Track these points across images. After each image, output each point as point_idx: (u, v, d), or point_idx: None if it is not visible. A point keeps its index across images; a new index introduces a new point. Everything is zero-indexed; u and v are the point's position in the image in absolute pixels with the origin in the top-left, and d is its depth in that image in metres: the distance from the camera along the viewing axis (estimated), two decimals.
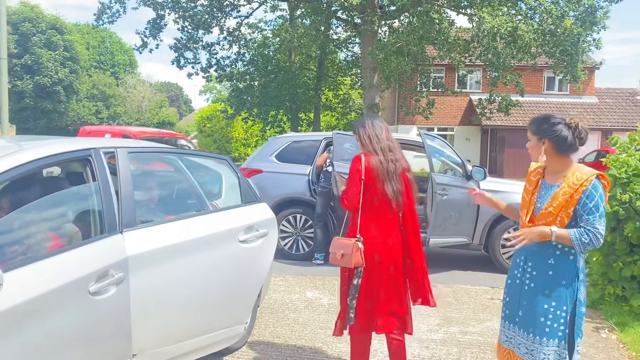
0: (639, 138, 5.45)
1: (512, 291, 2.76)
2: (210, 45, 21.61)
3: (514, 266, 2.78)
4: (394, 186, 3.25)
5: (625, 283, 4.94)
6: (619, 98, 27.22)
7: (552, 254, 2.63)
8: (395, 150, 3.34)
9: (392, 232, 3.30)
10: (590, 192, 2.54)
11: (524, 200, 2.75)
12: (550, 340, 2.59)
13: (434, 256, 7.54)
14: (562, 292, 2.59)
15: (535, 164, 2.83)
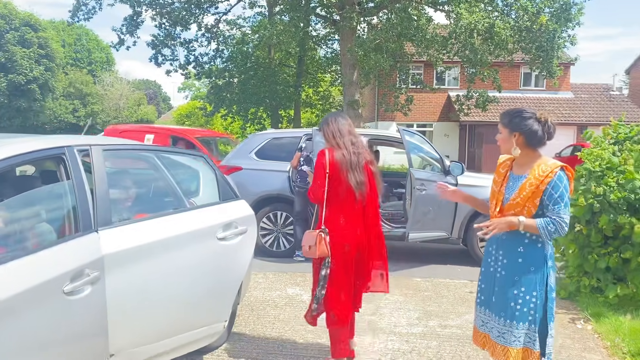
0: (613, 132, 5.55)
1: (486, 278, 2.91)
2: (189, 42, 21.41)
3: (487, 255, 2.92)
4: (357, 177, 3.41)
5: (600, 275, 5.04)
6: (593, 93, 27.68)
7: (521, 242, 2.75)
8: (357, 144, 3.51)
9: (359, 222, 3.49)
10: (555, 183, 2.66)
11: (493, 192, 2.87)
12: (520, 324, 2.72)
13: (413, 251, 7.60)
14: (531, 279, 2.72)
15: (504, 156, 2.93)
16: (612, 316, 4.62)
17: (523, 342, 2.73)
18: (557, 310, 4.94)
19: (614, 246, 4.93)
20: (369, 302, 5.05)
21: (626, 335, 4.19)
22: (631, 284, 4.89)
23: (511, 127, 2.75)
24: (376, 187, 3.60)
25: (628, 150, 5.02)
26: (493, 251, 2.86)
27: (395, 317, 4.70)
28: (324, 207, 3.45)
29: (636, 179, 4.64)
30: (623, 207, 4.79)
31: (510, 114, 2.79)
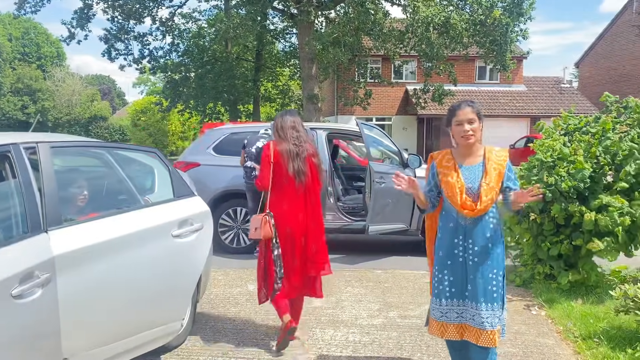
0: (563, 123, 5.73)
1: (455, 269, 2.94)
2: (143, 35, 20.92)
3: (452, 246, 2.94)
4: (297, 167, 3.79)
5: (553, 262, 5.20)
6: (545, 86, 28.54)
7: (487, 227, 2.90)
8: (300, 138, 3.89)
9: (301, 208, 3.84)
10: (509, 166, 2.95)
11: (450, 184, 2.90)
12: (498, 304, 2.89)
13: (373, 243, 7.67)
14: (499, 259, 2.91)
15: (438, 152, 3.11)
16: (564, 302, 4.78)
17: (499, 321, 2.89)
18: (513, 297, 5.11)
19: (566, 234, 5.09)
20: (330, 296, 5.07)
21: (577, 320, 4.34)
22: (582, 269, 5.07)
23: (480, 118, 2.92)
24: (317, 178, 3.95)
25: (577, 141, 5.18)
26: (460, 241, 2.91)
27: (356, 310, 4.73)
28: (269, 194, 3.83)
29: (585, 168, 4.80)
30: (573, 196, 4.96)
31: (478, 107, 2.94)
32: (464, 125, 2.87)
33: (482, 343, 2.85)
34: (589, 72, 32.32)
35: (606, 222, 4.60)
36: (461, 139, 2.90)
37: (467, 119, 2.87)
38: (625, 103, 5.22)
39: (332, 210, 6.97)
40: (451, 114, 2.95)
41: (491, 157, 2.91)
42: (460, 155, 2.97)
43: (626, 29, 28.41)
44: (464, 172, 2.92)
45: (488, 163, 2.89)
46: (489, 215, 2.89)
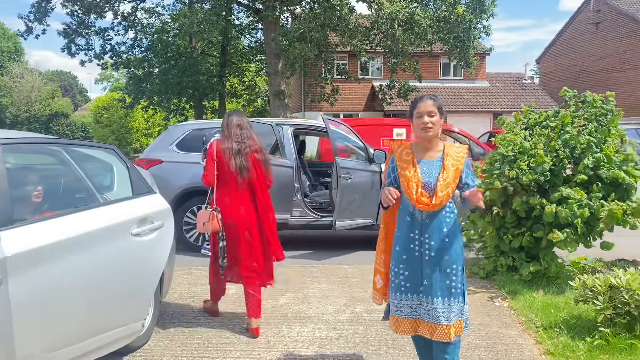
0: (524, 118, 5.83)
1: (411, 264, 2.91)
2: (104, 30, 20.40)
3: (408, 241, 2.92)
4: (239, 163, 4.01)
5: (515, 254, 5.30)
6: (507, 82, 29.10)
7: (444, 221, 2.89)
8: (244, 136, 4.14)
9: (244, 202, 4.06)
10: (467, 163, 2.96)
11: (407, 178, 2.89)
12: (457, 299, 2.87)
13: (339, 239, 7.67)
14: (458, 253, 2.90)
15: (399, 144, 3.09)
16: (526, 293, 4.87)
17: (457, 315, 2.88)
18: (476, 289, 5.18)
19: (527, 226, 5.19)
20: (296, 292, 5.05)
21: (539, 311, 4.44)
22: (543, 261, 5.18)
23: (442, 112, 2.92)
24: (263, 173, 4.18)
25: (538, 135, 5.28)
26: (416, 236, 2.89)
27: (322, 305, 4.72)
28: (214, 190, 4.07)
29: (545, 162, 4.89)
30: (534, 189, 5.06)
31: (439, 101, 2.94)
32: (423, 117, 2.86)
33: (437, 337, 2.84)
34: (549, 68, 33.12)
35: (566, 214, 4.70)
36: (420, 131, 2.89)
37: (427, 111, 2.86)
38: (583, 98, 5.35)
39: (299, 206, 6.94)
40: (413, 106, 2.94)
41: (450, 153, 2.92)
42: (420, 149, 2.97)
43: (584, 26, 29.21)
44: (422, 166, 2.91)
45: (446, 159, 2.90)
46: (446, 210, 2.88)
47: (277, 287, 4.92)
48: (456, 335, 2.88)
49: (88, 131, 38.94)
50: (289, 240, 7.71)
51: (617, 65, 26.80)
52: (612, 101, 5.19)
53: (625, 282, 3.81)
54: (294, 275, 5.66)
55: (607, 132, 5.03)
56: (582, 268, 5.57)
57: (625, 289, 3.78)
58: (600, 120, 5.14)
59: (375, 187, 6.64)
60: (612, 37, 27.17)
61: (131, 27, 20.84)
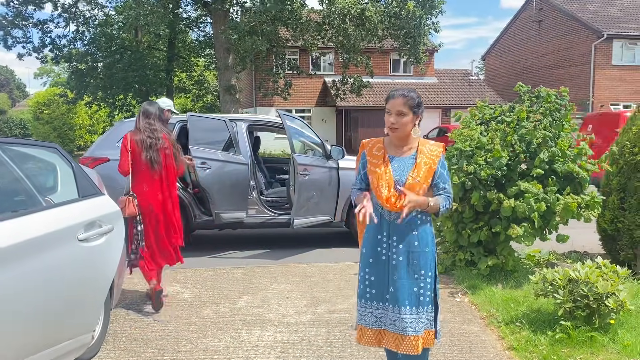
0: (479, 113, 5.86)
1: (377, 269, 2.71)
2: (43, 22, 19.42)
3: (375, 243, 2.72)
4: (150, 155, 4.41)
5: (473, 248, 5.32)
6: (455, 78, 29.71)
7: (414, 224, 2.69)
8: (154, 130, 4.50)
9: (160, 189, 4.49)
10: (443, 162, 2.75)
11: (377, 175, 2.69)
12: (425, 308, 2.68)
13: (296, 236, 7.54)
14: (427, 259, 2.69)
15: (370, 140, 2.86)
16: (485, 287, 4.89)
17: (426, 325, 2.69)
18: (437, 285, 5.17)
19: (484, 221, 5.21)
20: (255, 294, 4.88)
21: (499, 305, 4.45)
22: (500, 255, 5.22)
23: (416, 111, 2.68)
24: (173, 165, 4.57)
25: (494, 130, 5.31)
26: (384, 239, 2.70)
27: (283, 307, 4.57)
28: (130, 178, 4.42)
29: (502, 156, 4.92)
30: (491, 184, 5.08)
31: (416, 98, 2.70)
32: (391, 116, 2.67)
33: (404, 350, 2.64)
34: (494, 65, 34.05)
35: (524, 208, 4.74)
36: (387, 129, 2.72)
37: (396, 110, 2.65)
38: (537, 93, 5.41)
39: (254, 204, 6.76)
40: (386, 101, 2.73)
41: (424, 150, 2.72)
42: (392, 145, 2.77)
43: (527, 24, 30.18)
44: (394, 164, 2.72)
45: (419, 156, 2.70)
46: (417, 211, 2.67)
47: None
48: (424, 346, 2.69)
49: (27, 128, 37.09)
50: (245, 239, 7.52)
51: (558, 62, 27.83)
52: (565, 96, 5.28)
53: (584, 275, 3.85)
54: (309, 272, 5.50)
55: (561, 126, 5.10)
56: (537, 261, 5.67)
57: (584, 282, 3.83)
58: (554, 115, 5.22)
59: (332, 183, 6.54)
60: (554, 34, 28.19)
61: (72, 20, 19.93)
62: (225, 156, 6.47)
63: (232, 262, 6.12)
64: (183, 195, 6.59)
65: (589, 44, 25.85)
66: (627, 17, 27.35)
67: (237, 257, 6.41)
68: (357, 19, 15.00)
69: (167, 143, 4.53)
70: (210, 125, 6.61)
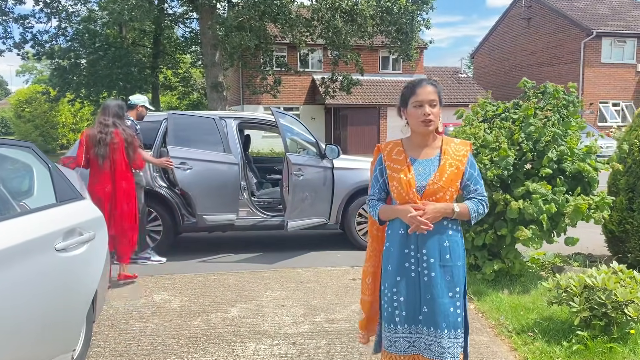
0: (481, 110, 5.62)
1: (407, 288, 2.41)
2: (24, 17, 18.88)
3: (402, 259, 2.42)
4: (98, 150, 4.81)
5: (477, 252, 5.07)
6: (444, 76, 29.59)
7: (445, 235, 2.40)
8: (107, 125, 4.88)
9: (108, 181, 4.86)
10: (472, 162, 2.47)
11: (401, 182, 2.40)
12: (461, 330, 2.42)
13: (289, 239, 7.24)
14: (460, 275, 2.43)
15: (387, 142, 2.56)
16: (492, 293, 4.65)
17: (461, 348, 2.43)
18: None
19: (489, 223, 4.97)
20: (248, 302, 4.59)
21: (508, 313, 4.21)
22: (506, 258, 4.98)
23: (441, 102, 2.42)
24: (121, 160, 4.89)
25: (498, 128, 5.07)
26: (412, 252, 2.40)
27: (279, 317, 4.29)
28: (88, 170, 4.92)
29: (509, 155, 4.67)
30: (497, 184, 4.83)
31: (440, 87, 2.44)
32: (424, 107, 2.35)
33: None
34: (483, 62, 33.99)
35: (532, 210, 4.50)
36: (420, 124, 2.37)
37: (429, 99, 2.35)
38: (543, 88, 5.18)
39: (245, 206, 6.46)
40: (409, 92, 2.40)
41: (448, 150, 2.43)
42: (413, 146, 2.46)
43: (516, 22, 30.13)
44: (416, 167, 2.42)
45: (444, 157, 2.41)
46: (447, 219, 2.39)
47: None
48: None
49: (9, 127, 36.29)
50: (237, 242, 7.22)
51: (548, 59, 27.82)
52: (573, 92, 5.05)
53: (600, 282, 3.62)
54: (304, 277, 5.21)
55: (569, 124, 4.87)
56: (542, 264, 5.44)
57: (602, 289, 3.60)
58: (561, 112, 4.99)
59: (327, 184, 6.27)
60: (543, 32, 28.17)
61: (54, 15, 19.40)
62: (211, 156, 6.17)
63: (223, 267, 5.82)
64: (169, 196, 6.29)
65: (578, 41, 25.85)
66: (616, 15, 27.42)
67: (228, 262, 6.11)
68: (348, 14, 14.71)
69: (117, 138, 4.86)
70: (197, 123, 6.30)
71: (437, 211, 2.33)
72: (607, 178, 5.45)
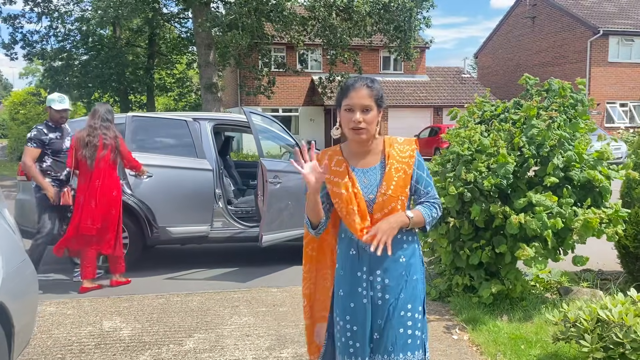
0: (478, 110, 5.02)
1: (360, 316, 2.15)
2: (14, 17, 18.40)
3: (354, 283, 2.16)
4: (85, 153, 4.88)
5: (473, 271, 4.46)
6: (447, 76, 28.97)
7: (401, 249, 2.15)
8: (95, 129, 4.97)
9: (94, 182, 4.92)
10: (419, 162, 2.20)
11: (342, 198, 2.11)
12: (416, 353, 2.17)
13: (272, 251, 6.62)
14: (417, 290, 2.18)
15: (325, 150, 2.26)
16: (488, 321, 4.03)
17: None
18: (429, 316, 4.31)
19: (486, 238, 4.36)
20: (209, 331, 4.00)
21: (506, 347, 3.60)
22: (505, 279, 4.37)
23: (380, 104, 2.14)
24: (107, 161, 4.95)
25: (497, 130, 4.46)
26: (364, 275, 2.14)
27: (240, 350, 3.69)
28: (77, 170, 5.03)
29: (509, 162, 4.07)
30: (494, 195, 4.23)
31: (379, 88, 2.15)
32: (355, 112, 2.08)
33: None
34: (487, 62, 33.34)
35: (536, 225, 3.89)
36: (349, 131, 2.12)
37: (361, 104, 2.08)
38: (548, 86, 4.57)
39: (221, 216, 5.88)
40: (341, 93, 2.13)
41: (392, 153, 2.16)
42: (353, 153, 2.19)
43: (521, 20, 29.47)
44: (360, 178, 2.14)
45: (388, 162, 2.15)
46: (400, 231, 2.10)
47: None
48: None
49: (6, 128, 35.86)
50: (212, 254, 6.61)
51: (553, 59, 27.16)
52: (582, 90, 4.44)
53: (617, 316, 3.01)
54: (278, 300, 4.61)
55: (577, 126, 4.26)
56: (547, 284, 4.83)
57: (618, 325, 2.98)
58: (568, 112, 4.38)
59: None
60: (548, 31, 27.51)
61: (46, 15, 18.91)
62: (178, 161, 5.61)
63: (190, 286, 5.24)
64: (136, 205, 5.70)
65: (585, 40, 25.17)
66: (623, 13, 26.71)
67: (198, 279, 5.53)
68: (343, 11, 14.10)
69: (100, 141, 4.93)
70: (163, 126, 5.74)
71: (392, 228, 2.05)
72: (619, 187, 4.83)
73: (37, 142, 5.05)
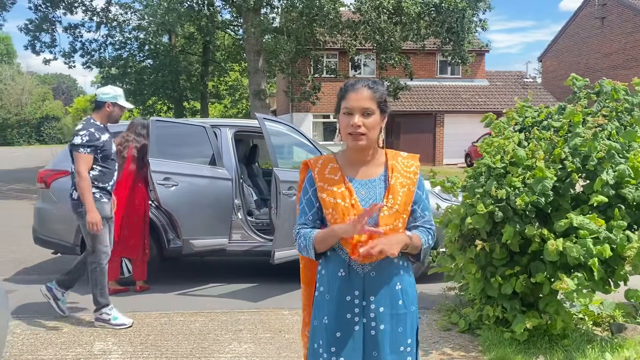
0: (518, 116, 4.42)
1: (348, 345, 1.91)
2: (74, 27, 19.05)
3: (343, 308, 1.92)
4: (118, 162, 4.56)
5: (506, 302, 3.86)
6: (508, 80, 27.72)
7: (397, 275, 1.95)
8: (127, 140, 5.15)
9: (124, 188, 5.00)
10: (420, 181, 2.01)
11: (338, 209, 1.90)
12: None
13: (287, 270, 6.19)
14: (413, 322, 2.02)
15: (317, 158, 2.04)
16: None
17: None
18: (452, 352, 3.76)
19: (522, 264, 3.77)
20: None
21: None
22: (544, 312, 3.75)
23: (384, 108, 1.94)
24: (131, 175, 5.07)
25: (536, 139, 3.86)
26: (356, 300, 1.92)
27: None
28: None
29: (547, 177, 3.46)
30: (531, 215, 3.63)
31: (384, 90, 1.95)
32: (354, 116, 1.89)
33: None
34: (552, 66, 31.70)
35: (578, 252, 3.27)
36: (347, 136, 1.91)
37: (361, 107, 1.88)
38: (598, 87, 3.92)
39: (239, 228, 5.54)
40: (341, 94, 1.96)
41: (396, 166, 1.97)
42: (350, 162, 1.98)
43: (589, 22, 27.80)
44: (358, 189, 1.93)
45: (392, 175, 1.95)
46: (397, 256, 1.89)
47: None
48: None
49: None
50: (233, 267, 6.27)
51: (624, 62, 25.40)
52: (639, 91, 3.76)
53: None
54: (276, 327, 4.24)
55: (633, 135, 3.59)
56: (598, 317, 4.15)
57: None
58: (622, 119, 3.72)
59: None
60: (619, 32, 25.77)
61: (104, 24, 19.48)
62: (199, 170, 5.31)
63: (198, 303, 4.91)
64: (155, 216, 5.45)
65: None
66: None
67: (208, 295, 5.19)
68: (393, 13, 13.56)
69: (129, 153, 5.08)
70: (182, 132, 5.46)
71: (394, 241, 1.83)
72: None
73: (91, 147, 4.09)
